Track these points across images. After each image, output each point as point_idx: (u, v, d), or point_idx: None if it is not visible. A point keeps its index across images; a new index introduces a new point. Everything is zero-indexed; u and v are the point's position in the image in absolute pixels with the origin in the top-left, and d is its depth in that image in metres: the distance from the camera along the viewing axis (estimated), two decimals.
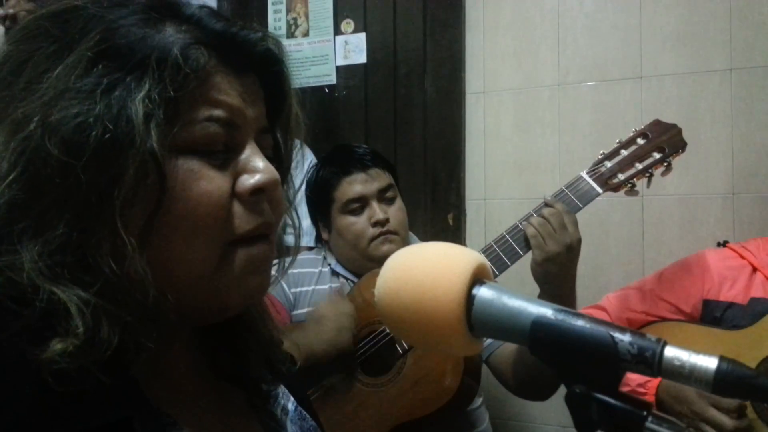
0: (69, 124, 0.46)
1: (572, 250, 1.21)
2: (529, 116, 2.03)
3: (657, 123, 1.27)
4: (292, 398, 0.69)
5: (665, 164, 1.25)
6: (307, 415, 0.69)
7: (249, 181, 0.52)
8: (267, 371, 0.65)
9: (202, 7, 0.54)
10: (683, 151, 1.24)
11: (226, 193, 0.51)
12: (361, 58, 2.22)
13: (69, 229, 0.46)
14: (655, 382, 1.29)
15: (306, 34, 2.30)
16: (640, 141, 1.26)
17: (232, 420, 0.61)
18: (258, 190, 0.52)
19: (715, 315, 1.38)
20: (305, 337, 1.27)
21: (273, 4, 2.35)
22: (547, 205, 1.24)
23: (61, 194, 0.47)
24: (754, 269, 1.40)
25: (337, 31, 2.26)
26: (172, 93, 0.48)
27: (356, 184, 1.47)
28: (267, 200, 0.54)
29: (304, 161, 1.98)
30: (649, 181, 1.26)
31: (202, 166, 0.51)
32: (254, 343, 0.64)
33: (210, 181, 0.50)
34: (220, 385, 0.62)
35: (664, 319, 1.43)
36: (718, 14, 1.82)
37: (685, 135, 1.83)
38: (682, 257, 1.54)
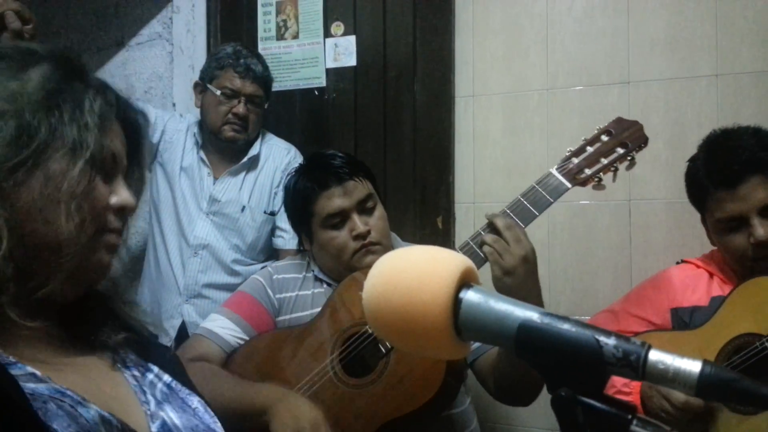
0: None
1: (528, 261, 1.21)
2: (517, 120, 2.04)
3: (619, 120, 1.32)
4: (166, 375, 0.79)
5: (629, 159, 1.29)
6: (182, 387, 0.79)
7: (114, 200, 0.72)
8: (126, 343, 0.77)
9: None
10: (645, 145, 1.29)
11: (105, 198, 0.71)
12: (351, 61, 2.22)
13: None
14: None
15: (296, 37, 2.30)
16: (604, 138, 1.31)
17: (95, 374, 0.70)
18: (121, 210, 0.73)
19: (684, 320, 1.45)
20: (272, 412, 1.21)
21: (263, 6, 2.34)
22: (492, 221, 1.25)
23: None
24: (711, 275, 1.50)
25: (327, 34, 2.25)
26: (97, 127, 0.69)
27: (335, 199, 1.45)
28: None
29: (295, 164, 1.98)
30: (614, 176, 1.30)
31: (99, 178, 0.70)
32: (109, 318, 0.76)
33: (102, 188, 0.71)
34: (79, 350, 0.72)
35: (636, 334, 1.48)
36: (704, 21, 1.84)
37: (672, 139, 1.86)
38: (669, 261, 1.59)
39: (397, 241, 1.61)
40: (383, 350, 1.31)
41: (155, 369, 0.78)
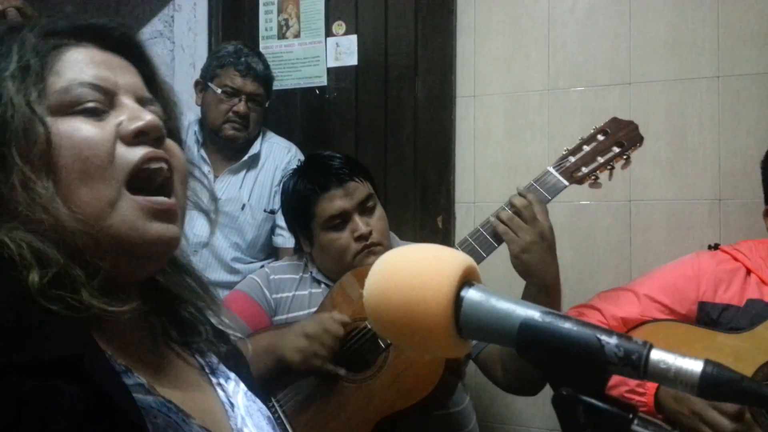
0: None
1: (545, 238, 1.24)
2: (518, 120, 2.04)
3: (615, 120, 1.36)
4: (242, 384, 0.74)
5: (624, 158, 1.32)
6: (257, 399, 0.75)
7: (130, 126, 0.60)
8: (215, 351, 0.73)
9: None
10: (641, 144, 1.32)
11: (106, 138, 0.59)
12: (352, 60, 2.22)
13: None
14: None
15: (297, 36, 2.30)
16: (600, 137, 1.34)
17: (187, 382, 0.66)
18: (140, 133, 0.60)
19: (712, 317, 1.38)
20: (279, 342, 1.29)
21: (264, 5, 2.34)
22: (519, 195, 1.28)
23: None
24: (748, 271, 1.40)
25: (329, 33, 2.25)
26: (36, 67, 0.58)
27: (336, 200, 1.44)
28: (155, 144, 0.61)
29: (295, 163, 1.98)
30: (610, 174, 1.33)
31: (82, 121, 0.58)
32: (199, 320, 0.71)
33: (89, 130, 0.58)
34: (175, 354, 0.68)
35: (657, 320, 1.42)
36: (705, 23, 1.84)
37: (673, 141, 1.86)
38: (670, 261, 1.54)
39: (395, 241, 1.61)
40: (382, 345, 1.32)
41: (232, 376, 0.74)
